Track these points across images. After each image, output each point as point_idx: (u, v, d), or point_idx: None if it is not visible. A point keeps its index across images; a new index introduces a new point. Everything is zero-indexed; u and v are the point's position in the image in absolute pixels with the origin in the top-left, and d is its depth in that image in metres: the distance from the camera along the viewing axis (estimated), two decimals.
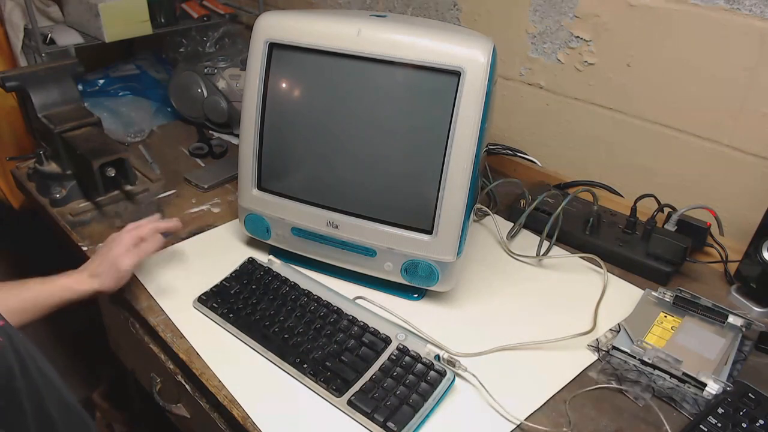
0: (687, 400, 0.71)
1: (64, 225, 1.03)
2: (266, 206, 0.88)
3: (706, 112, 0.94)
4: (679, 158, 1.00)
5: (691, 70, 0.94)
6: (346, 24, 0.78)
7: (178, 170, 1.19)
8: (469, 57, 0.73)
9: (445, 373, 0.70)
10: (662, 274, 0.90)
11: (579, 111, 1.10)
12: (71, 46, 1.26)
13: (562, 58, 1.08)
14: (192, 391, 0.79)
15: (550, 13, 1.07)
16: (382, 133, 0.81)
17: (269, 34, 0.82)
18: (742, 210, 0.95)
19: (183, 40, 1.47)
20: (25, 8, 1.21)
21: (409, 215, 0.81)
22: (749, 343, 0.79)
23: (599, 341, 0.80)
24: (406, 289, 0.87)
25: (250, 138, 0.86)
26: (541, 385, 0.73)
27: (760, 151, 0.91)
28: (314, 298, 0.82)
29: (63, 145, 1.05)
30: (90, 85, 1.37)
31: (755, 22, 0.85)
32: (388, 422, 0.65)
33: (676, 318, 0.81)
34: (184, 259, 0.94)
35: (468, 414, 0.69)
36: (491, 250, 0.98)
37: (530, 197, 1.02)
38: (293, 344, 0.76)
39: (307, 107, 0.84)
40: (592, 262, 0.93)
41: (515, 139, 1.22)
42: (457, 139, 0.75)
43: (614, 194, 1.09)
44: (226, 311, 0.81)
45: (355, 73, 0.79)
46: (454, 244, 0.79)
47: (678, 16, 0.92)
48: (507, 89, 1.19)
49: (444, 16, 1.24)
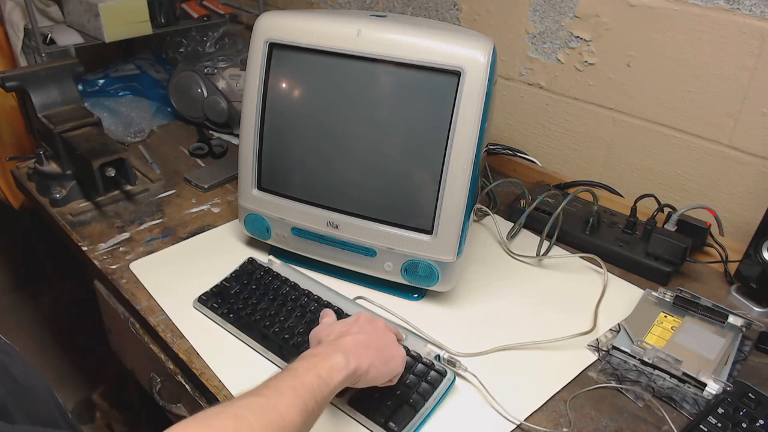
0: (687, 400, 0.71)
1: (64, 225, 1.03)
2: (266, 206, 0.88)
3: (706, 112, 0.94)
4: (679, 158, 1.00)
5: (691, 70, 0.94)
6: (346, 24, 0.78)
7: (178, 170, 1.20)
8: (469, 57, 0.73)
9: (446, 373, 0.70)
10: (662, 274, 0.90)
11: (579, 111, 1.10)
12: (71, 46, 1.26)
13: (562, 58, 1.08)
14: (192, 391, 0.79)
15: (550, 13, 1.07)
16: (382, 133, 0.81)
17: (269, 34, 0.82)
18: (742, 210, 0.95)
19: (183, 40, 1.47)
20: (25, 8, 1.21)
21: (409, 215, 0.81)
22: (749, 343, 0.79)
23: (599, 341, 0.80)
24: (406, 289, 0.87)
25: (250, 138, 0.86)
26: (541, 385, 0.73)
27: (760, 150, 0.91)
28: (314, 298, 0.82)
29: (63, 145, 1.05)
30: (90, 85, 1.37)
31: (755, 22, 0.85)
32: (389, 422, 0.65)
33: (676, 318, 0.81)
34: (184, 259, 0.94)
35: (468, 414, 0.69)
36: (491, 250, 0.98)
37: (530, 197, 1.02)
38: (294, 344, 0.76)
39: (307, 107, 0.84)
40: (592, 262, 0.93)
41: (515, 139, 1.22)
42: (457, 139, 0.75)
43: (614, 194, 1.09)
44: (226, 311, 0.81)
45: (355, 73, 0.79)
46: (454, 244, 0.79)
47: (678, 16, 0.92)
48: (507, 89, 1.19)
49: (444, 16, 1.24)
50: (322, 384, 0.55)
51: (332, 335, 0.64)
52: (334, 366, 0.57)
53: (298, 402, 0.52)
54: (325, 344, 0.62)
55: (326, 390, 0.55)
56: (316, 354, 0.59)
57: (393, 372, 0.64)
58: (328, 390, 0.55)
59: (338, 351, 0.59)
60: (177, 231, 1.01)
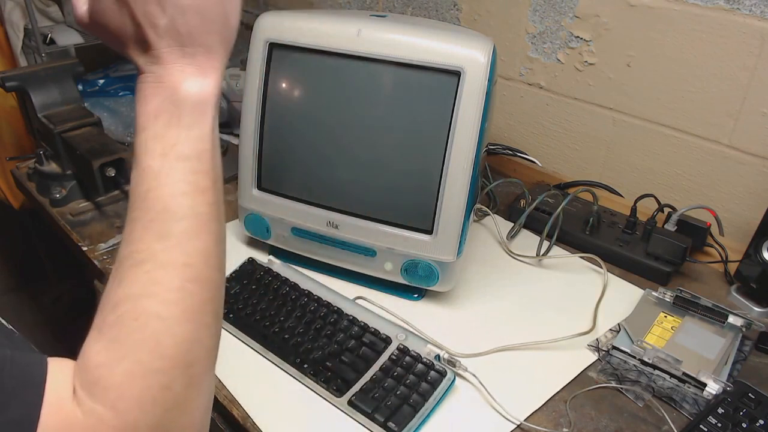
0: (687, 400, 0.71)
1: (64, 225, 1.03)
2: (266, 206, 0.88)
3: (706, 112, 0.94)
4: (679, 158, 1.00)
5: (691, 70, 0.94)
6: (346, 24, 0.78)
7: None
8: (469, 57, 0.73)
9: (446, 373, 0.70)
10: (662, 274, 0.90)
11: (579, 111, 1.10)
12: (71, 46, 1.26)
13: (562, 58, 1.08)
14: None
15: (550, 13, 1.07)
16: (382, 133, 0.81)
17: (269, 34, 0.82)
18: (742, 210, 0.95)
19: None
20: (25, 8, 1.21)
21: (409, 215, 0.81)
22: (749, 343, 0.79)
23: (599, 341, 0.80)
24: (406, 289, 0.87)
25: (250, 138, 0.86)
26: (541, 385, 0.73)
27: (760, 150, 0.91)
28: (314, 298, 0.82)
29: (63, 145, 1.05)
30: (90, 85, 1.37)
31: (755, 22, 0.85)
32: (389, 422, 0.65)
33: (676, 318, 0.81)
34: None
35: (468, 414, 0.69)
36: (491, 250, 0.98)
37: (530, 197, 1.02)
38: (293, 344, 0.76)
39: (307, 107, 0.84)
40: (592, 262, 0.93)
41: (515, 139, 1.22)
42: (457, 139, 0.75)
43: (614, 194, 1.09)
44: (226, 311, 0.81)
45: (355, 73, 0.79)
46: (454, 244, 0.79)
47: (678, 16, 0.92)
48: (507, 89, 1.19)
49: (444, 16, 1.24)
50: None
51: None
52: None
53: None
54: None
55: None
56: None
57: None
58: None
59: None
60: None
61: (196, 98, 0.41)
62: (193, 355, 0.40)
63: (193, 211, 0.41)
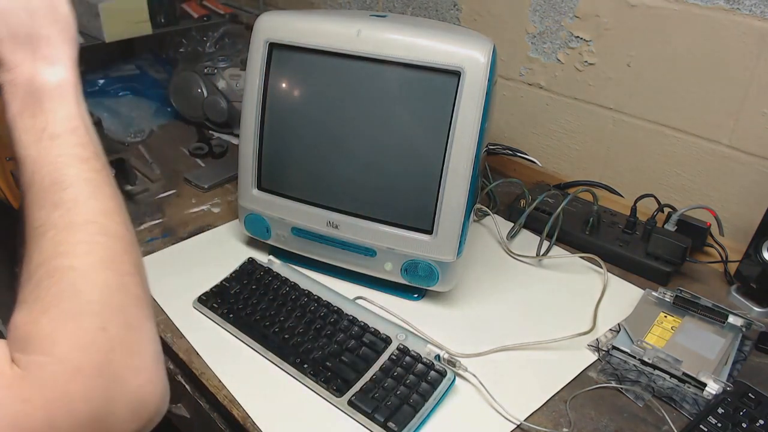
0: (687, 400, 0.71)
1: None
2: (266, 206, 0.88)
3: (706, 111, 0.94)
4: (679, 158, 1.00)
5: (690, 71, 0.94)
6: (346, 24, 0.78)
7: (178, 170, 1.19)
8: (469, 57, 0.73)
9: (446, 373, 0.70)
10: (662, 274, 0.90)
11: (579, 111, 1.10)
12: None
13: (562, 58, 1.08)
14: (192, 391, 0.79)
15: (550, 13, 1.07)
16: (382, 133, 0.81)
17: (269, 34, 0.82)
18: (742, 210, 0.95)
19: (183, 40, 1.46)
20: None
21: (409, 215, 0.81)
22: (749, 343, 0.79)
23: (599, 341, 0.80)
24: (406, 289, 0.87)
25: (250, 138, 0.86)
26: (541, 385, 0.73)
27: (760, 150, 0.91)
28: (314, 298, 0.82)
29: None
30: (90, 85, 1.37)
31: (755, 22, 0.85)
32: (389, 422, 0.65)
33: (676, 318, 0.81)
34: (184, 259, 0.94)
35: (468, 414, 0.69)
36: (491, 250, 0.98)
37: (530, 197, 1.02)
38: (293, 344, 0.76)
39: (307, 107, 0.84)
40: (592, 262, 0.93)
41: (515, 139, 1.22)
42: (457, 139, 0.75)
43: (614, 194, 1.09)
44: (226, 311, 0.81)
45: (355, 73, 0.79)
46: (454, 244, 0.79)
47: (678, 16, 0.92)
48: (507, 89, 1.19)
49: (444, 16, 1.23)
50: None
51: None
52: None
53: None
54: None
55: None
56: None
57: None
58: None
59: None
60: (177, 231, 1.01)
61: (52, 84, 0.45)
62: (122, 300, 0.40)
63: (80, 177, 0.43)
